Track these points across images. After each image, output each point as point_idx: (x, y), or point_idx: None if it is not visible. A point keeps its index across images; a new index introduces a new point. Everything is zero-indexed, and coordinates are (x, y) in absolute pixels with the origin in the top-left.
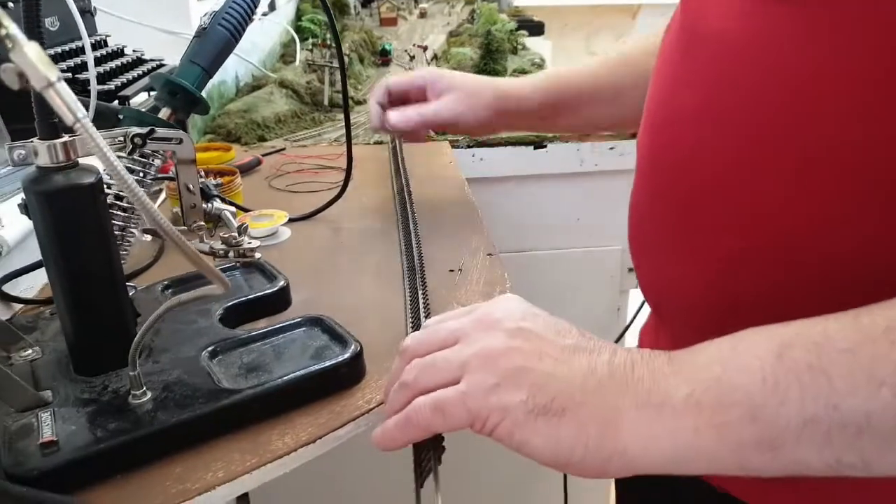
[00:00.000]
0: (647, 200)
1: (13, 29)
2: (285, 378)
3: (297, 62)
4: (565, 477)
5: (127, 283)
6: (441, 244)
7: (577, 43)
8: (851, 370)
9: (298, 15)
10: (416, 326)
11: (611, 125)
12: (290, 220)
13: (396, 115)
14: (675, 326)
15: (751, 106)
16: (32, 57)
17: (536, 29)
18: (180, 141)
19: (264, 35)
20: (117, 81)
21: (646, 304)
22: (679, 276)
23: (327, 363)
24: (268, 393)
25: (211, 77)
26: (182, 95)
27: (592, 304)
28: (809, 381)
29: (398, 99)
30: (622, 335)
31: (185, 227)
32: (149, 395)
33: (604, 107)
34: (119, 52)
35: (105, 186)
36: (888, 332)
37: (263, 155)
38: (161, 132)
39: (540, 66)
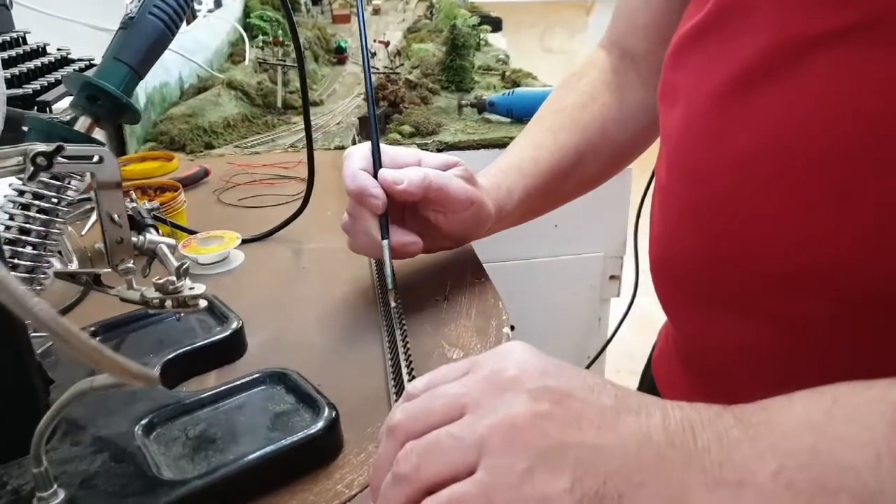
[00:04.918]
0: (689, 256)
1: None
2: (244, 461)
3: (247, 61)
4: None
5: (39, 335)
6: (421, 266)
7: (532, 40)
8: None
9: (247, 12)
10: (399, 386)
11: (576, 193)
12: (244, 242)
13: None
14: (711, 375)
15: (826, 149)
16: None
17: (494, 25)
18: (100, 159)
19: (210, 33)
20: (36, 84)
21: (629, 317)
22: (739, 338)
23: (296, 437)
24: (222, 482)
25: (141, 78)
26: (105, 101)
27: (572, 315)
28: None
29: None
30: (604, 348)
31: (111, 269)
32: (61, 495)
33: (570, 182)
34: (40, 51)
35: (8, 217)
36: None
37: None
38: (72, 149)
39: (504, 62)
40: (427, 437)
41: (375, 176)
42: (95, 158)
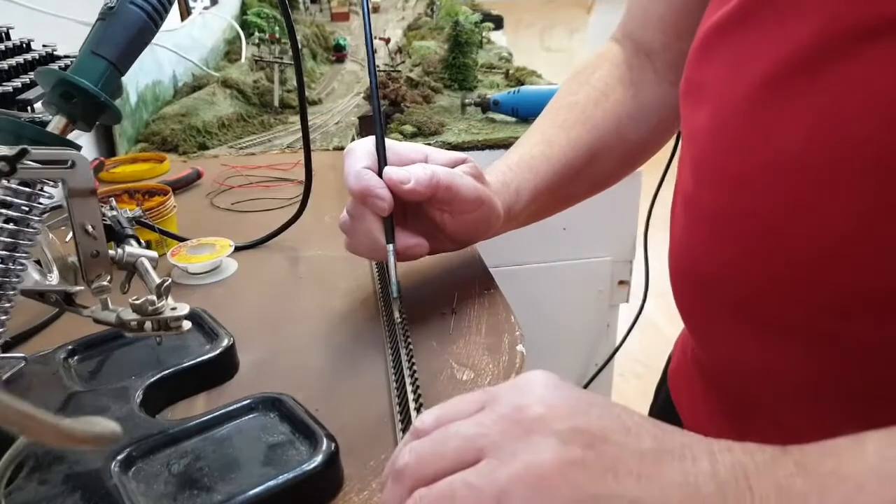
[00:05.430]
0: (720, 269)
1: None
2: (233, 501)
3: (244, 59)
4: None
5: (10, 356)
6: (425, 274)
7: (532, 38)
8: None
9: (244, 9)
10: (405, 415)
11: (587, 194)
12: (237, 249)
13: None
14: (738, 395)
15: (884, 152)
16: None
17: (496, 23)
18: (72, 164)
19: (206, 30)
20: (17, 82)
21: (637, 325)
22: (775, 358)
23: (292, 473)
24: None
25: (122, 74)
26: (81, 99)
27: (580, 321)
28: None
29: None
30: (612, 355)
31: (86, 285)
32: None
33: (581, 182)
34: (24, 47)
35: None
36: None
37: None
38: (39, 153)
39: (507, 59)
40: (439, 486)
41: (380, 174)
42: (68, 163)
